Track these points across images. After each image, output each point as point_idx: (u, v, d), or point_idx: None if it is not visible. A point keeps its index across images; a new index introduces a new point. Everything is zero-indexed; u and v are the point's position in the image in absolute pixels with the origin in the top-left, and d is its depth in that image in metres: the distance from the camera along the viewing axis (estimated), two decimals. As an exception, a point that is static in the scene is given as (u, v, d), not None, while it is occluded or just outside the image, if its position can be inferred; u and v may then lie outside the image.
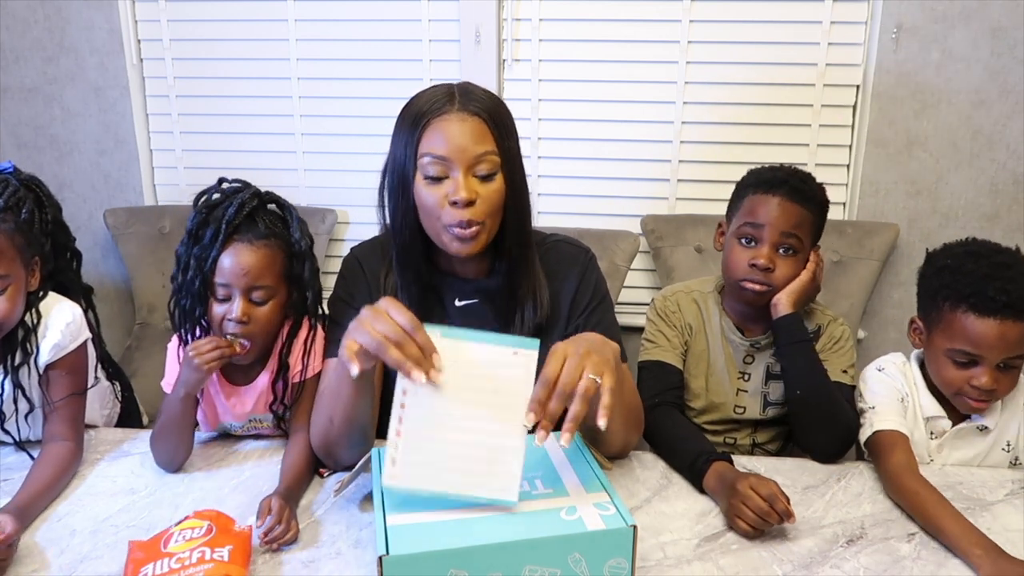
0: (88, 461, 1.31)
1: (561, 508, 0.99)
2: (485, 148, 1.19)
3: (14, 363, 1.28)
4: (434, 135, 1.19)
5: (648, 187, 2.27)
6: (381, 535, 0.93)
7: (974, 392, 1.26)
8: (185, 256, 1.25)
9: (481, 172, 1.20)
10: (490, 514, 0.98)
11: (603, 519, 0.96)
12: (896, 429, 1.28)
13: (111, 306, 2.47)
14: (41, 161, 2.41)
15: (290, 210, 1.31)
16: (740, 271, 1.41)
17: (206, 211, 1.25)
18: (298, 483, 1.21)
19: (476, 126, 1.19)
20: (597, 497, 1.01)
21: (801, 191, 1.40)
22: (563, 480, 1.05)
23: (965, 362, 1.25)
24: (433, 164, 1.19)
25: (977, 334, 1.22)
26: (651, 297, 2.28)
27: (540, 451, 1.11)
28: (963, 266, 1.26)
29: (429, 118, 1.19)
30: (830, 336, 1.45)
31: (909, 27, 2.04)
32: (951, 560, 1.07)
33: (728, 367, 1.49)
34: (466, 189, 1.18)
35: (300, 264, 1.30)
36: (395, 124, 1.25)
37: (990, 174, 2.12)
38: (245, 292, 1.24)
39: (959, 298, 1.24)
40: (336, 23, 2.25)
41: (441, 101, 1.20)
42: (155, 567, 0.97)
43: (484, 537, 0.94)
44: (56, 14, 2.28)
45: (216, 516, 1.05)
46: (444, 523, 0.96)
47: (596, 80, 2.20)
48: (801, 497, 1.22)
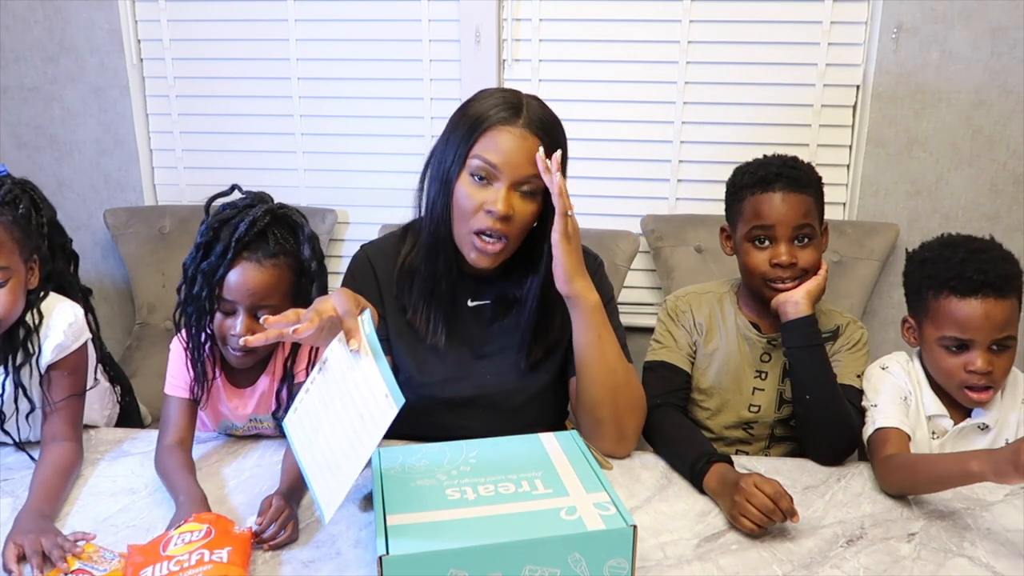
0: (88, 461, 1.31)
1: (561, 508, 0.99)
2: (535, 171, 1.21)
3: (15, 363, 1.28)
4: (491, 142, 1.21)
5: (648, 187, 2.27)
6: (381, 535, 0.93)
7: (973, 378, 1.27)
8: (193, 269, 1.24)
9: (524, 191, 1.23)
10: (490, 514, 0.98)
11: (603, 519, 0.97)
12: (897, 427, 1.29)
13: (111, 306, 2.47)
14: (41, 161, 2.41)
15: (302, 227, 1.29)
16: (763, 272, 1.40)
17: (217, 225, 1.23)
18: (299, 483, 1.20)
19: (534, 146, 1.21)
20: (597, 497, 1.01)
21: (797, 179, 1.40)
22: (563, 480, 1.05)
23: (957, 348, 1.27)
24: (482, 168, 1.21)
25: (963, 316, 1.25)
26: (651, 297, 2.32)
27: (540, 451, 1.12)
28: (941, 255, 1.30)
29: (491, 124, 1.21)
30: (848, 338, 1.45)
31: (909, 27, 2.04)
32: (951, 560, 1.07)
33: (744, 366, 1.48)
34: (505, 202, 1.20)
35: (308, 283, 1.29)
36: (454, 115, 1.27)
37: (990, 174, 2.12)
38: (250, 310, 1.24)
39: (940, 284, 1.27)
40: (336, 23, 2.24)
41: (509, 111, 1.22)
42: (155, 569, 0.97)
43: (484, 537, 0.94)
44: (56, 14, 2.28)
45: (216, 519, 1.05)
46: (444, 523, 0.96)
47: (596, 80, 2.20)
48: (801, 497, 1.22)
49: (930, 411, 1.34)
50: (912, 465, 1.21)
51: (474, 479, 1.05)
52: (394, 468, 1.08)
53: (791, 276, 1.39)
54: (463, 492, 1.02)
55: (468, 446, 1.13)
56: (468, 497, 1.01)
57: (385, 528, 0.95)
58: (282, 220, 1.28)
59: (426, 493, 1.02)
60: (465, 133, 1.22)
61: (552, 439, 1.14)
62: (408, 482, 1.05)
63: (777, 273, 1.39)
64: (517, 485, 1.04)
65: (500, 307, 1.35)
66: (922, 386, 1.35)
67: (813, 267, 1.40)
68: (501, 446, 1.13)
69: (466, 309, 1.35)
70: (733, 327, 1.49)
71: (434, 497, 1.01)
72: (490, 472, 1.06)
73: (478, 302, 1.35)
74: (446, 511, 0.98)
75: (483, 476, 1.06)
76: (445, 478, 1.05)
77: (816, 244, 1.41)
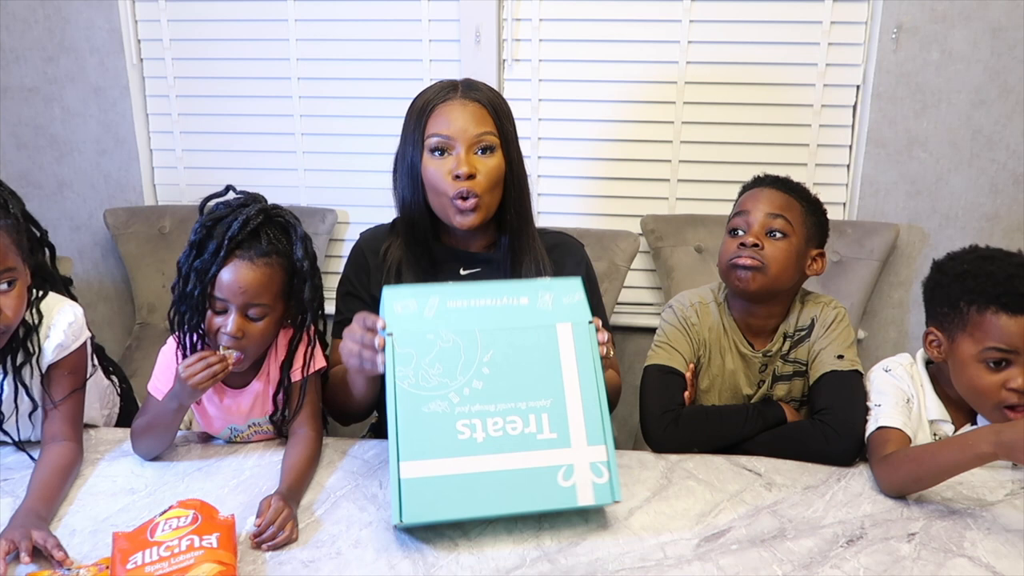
0: (88, 461, 1.31)
1: (560, 468, 1.08)
2: (485, 128, 1.35)
3: (16, 363, 1.28)
4: (439, 118, 1.35)
5: (648, 187, 2.27)
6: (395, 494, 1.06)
7: (1012, 396, 1.23)
8: (186, 267, 1.24)
9: (481, 148, 1.35)
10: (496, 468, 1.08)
11: (595, 490, 1.09)
12: (900, 428, 1.28)
13: (111, 306, 2.47)
14: (41, 161, 2.41)
15: (295, 227, 1.30)
16: (729, 254, 1.41)
17: (211, 224, 1.24)
18: (299, 483, 1.21)
19: (476, 110, 1.35)
20: (596, 454, 1.10)
21: (786, 183, 1.45)
22: (568, 418, 1.11)
23: (998, 363, 1.24)
24: (439, 143, 1.34)
25: (1011, 332, 1.22)
26: (651, 297, 2.32)
27: (553, 356, 1.14)
28: (983, 269, 1.27)
29: (435, 104, 1.36)
30: (822, 323, 1.44)
31: (909, 27, 2.04)
32: (951, 560, 1.07)
33: (740, 384, 1.49)
34: (467, 163, 1.33)
35: (300, 282, 1.29)
36: (405, 116, 1.40)
37: (990, 174, 2.12)
38: (241, 308, 1.24)
39: (988, 299, 1.24)
40: (336, 23, 2.25)
41: (446, 90, 1.37)
42: (144, 555, 0.97)
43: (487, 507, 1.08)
44: (56, 14, 2.28)
45: (200, 505, 1.06)
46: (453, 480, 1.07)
47: (596, 80, 2.20)
48: (801, 497, 1.22)
49: (932, 415, 1.34)
50: (915, 458, 1.20)
51: (484, 406, 1.10)
52: (408, 376, 1.10)
53: (751, 255, 1.38)
54: (472, 428, 1.09)
55: (484, 336, 1.13)
56: (477, 437, 1.09)
57: (400, 487, 1.05)
58: (275, 220, 1.28)
59: (437, 427, 1.08)
60: (416, 121, 1.37)
61: (568, 335, 1.15)
62: (421, 405, 1.09)
63: (739, 252, 1.39)
64: (524, 421, 1.10)
65: (491, 275, 1.42)
66: (925, 389, 1.35)
67: (776, 262, 1.38)
68: (515, 347, 1.14)
69: (461, 278, 1.42)
70: (731, 345, 1.48)
71: (445, 436, 1.08)
72: (500, 397, 1.11)
73: (470, 271, 1.44)
74: (456, 460, 1.07)
75: (493, 402, 1.11)
76: (457, 399, 1.10)
77: (789, 243, 1.40)
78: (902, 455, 1.23)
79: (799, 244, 1.41)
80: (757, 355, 1.47)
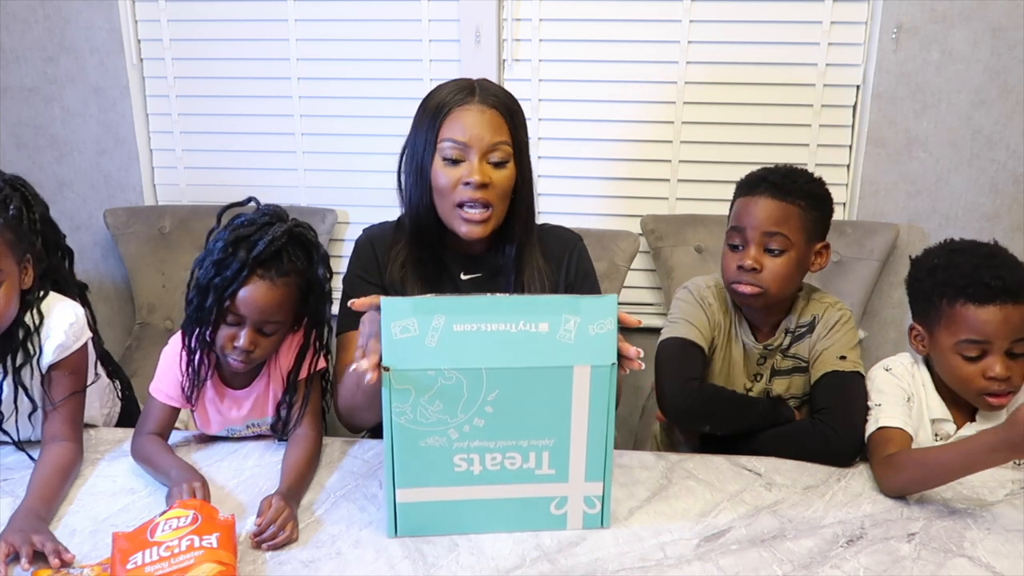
0: (88, 461, 1.31)
1: (553, 500, 1.07)
2: (500, 138, 1.32)
3: (15, 363, 1.27)
4: (455, 123, 1.31)
5: (648, 187, 2.27)
6: (391, 512, 1.07)
7: (992, 384, 1.25)
8: (205, 282, 1.22)
9: (495, 159, 1.32)
10: (488, 497, 1.07)
11: (584, 518, 1.09)
12: (901, 428, 1.28)
13: (111, 306, 2.47)
14: (41, 161, 2.41)
15: (316, 247, 1.30)
16: (730, 275, 1.41)
17: (235, 241, 1.22)
18: (299, 483, 1.21)
19: (494, 117, 1.32)
20: (592, 488, 1.07)
21: (782, 186, 1.38)
22: (571, 456, 1.07)
23: (975, 355, 1.26)
24: (452, 148, 1.31)
25: (981, 322, 1.24)
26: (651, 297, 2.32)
27: (565, 398, 1.02)
28: (952, 262, 1.29)
29: (451, 107, 1.32)
30: (825, 324, 1.44)
31: (909, 27, 2.04)
32: (951, 560, 1.07)
33: (738, 374, 1.48)
34: (480, 172, 1.30)
35: (316, 300, 1.30)
36: (416, 111, 1.37)
37: (990, 174, 2.12)
38: (256, 325, 1.24)
39: (956, 291, 1.26)
40: (336, 23, 2.24)
41: (463, 93, 1.33)
42: (144, 555, 0.97)
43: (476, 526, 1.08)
44: (56, 14, 2.28)
45: (200, 505, 1.06)
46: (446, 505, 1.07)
47: (596, 80, 2.20)
48: (801, 497, 1.22)
49: (934, 414, 1.34)
50: (920, 460, 1.21)
51: (484, 442, 1.05)
52: (405, 412, 1.01)
53: (751, 281, 1.37)
54: (470, 462, 1.06)
55: (490, 375, 1.01)
56: (474, 470, 1.06)
57: (395, 508, 1.07)
58: (298, 239, 1.28)
59: (434, 459, 1.05)
60: (430, 122, 1.32)
61: (584, 379, 1.01)
62: (418, 440, 1.04)
63: (740, 276, 1.39)
64: (524, 458, 1.06)
65: (492, 278, 1.42)
66: (927, 388, 1.35)
67: (776, 281, 1.37)
68: (523, 389, 1.02)
69: (462, 281, 1.42)
70: (736, 334, 1.48)
71: (441, 467, 1.05)
72: (502, 434, 1.04)
73: (471, 275, 1.43)
74: (450, 489, 1.06)
75: (493, 439, 1.04)
76: (456, 436, 1.04)
77: (789, 258, 1.37)
78: (905, 458, 1.23)
79: (800, 252, 1.39)
80: (758, 347, 1.47)
